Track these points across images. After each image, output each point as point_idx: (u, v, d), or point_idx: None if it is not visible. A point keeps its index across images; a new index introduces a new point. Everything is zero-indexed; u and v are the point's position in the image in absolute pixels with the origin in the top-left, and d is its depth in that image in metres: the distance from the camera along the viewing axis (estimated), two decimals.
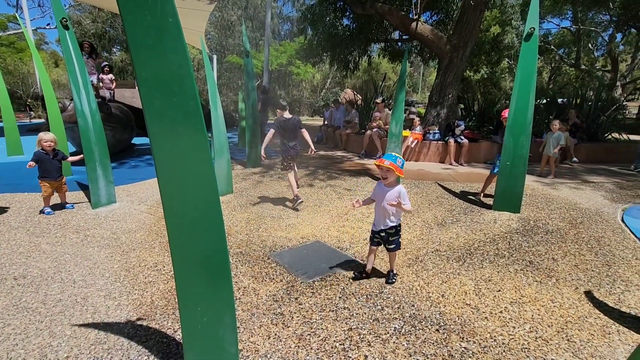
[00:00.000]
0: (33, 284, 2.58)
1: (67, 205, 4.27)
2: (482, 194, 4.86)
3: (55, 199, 4.27)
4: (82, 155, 4.19)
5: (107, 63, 9.68)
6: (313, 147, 4.57)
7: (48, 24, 19.03)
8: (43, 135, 4.12)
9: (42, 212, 4.04)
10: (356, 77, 26.99)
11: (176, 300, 2.37)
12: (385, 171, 2.48)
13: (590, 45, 21.51)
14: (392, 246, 2.61)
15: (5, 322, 2.13)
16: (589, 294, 2.54)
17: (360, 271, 2.77)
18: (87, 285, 2.58)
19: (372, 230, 2.69)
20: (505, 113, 4.26)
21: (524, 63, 3.95)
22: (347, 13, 11.06)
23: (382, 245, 2.68)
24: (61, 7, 3.91)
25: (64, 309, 2.28)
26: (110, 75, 9.24)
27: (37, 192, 4.80)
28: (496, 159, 4.57)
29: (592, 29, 19.08)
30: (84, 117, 4.10)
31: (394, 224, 2.57)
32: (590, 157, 7.84)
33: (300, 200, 4.39)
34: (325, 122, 11.14)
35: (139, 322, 2.16)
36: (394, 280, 2.68)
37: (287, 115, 4.43)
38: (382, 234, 2.60)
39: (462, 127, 7.55)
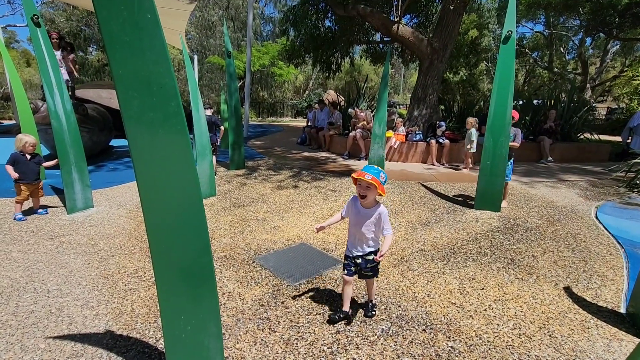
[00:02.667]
0: (3, 294, 2.44)
1: (40, 210, 4.08)
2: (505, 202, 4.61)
3: (28, 204, 4.07)
4: (57, 160, 4.00)
5: (67, 40, 8.39)
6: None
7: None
8: (24, 136, 3.96)
9: (14, 218, 3.85)
10: (339, 79, 27.16)
11: (158, 308, 2.29)
12: (364, 188, 2.00)
13: (562, 49, 22.40)
14: (371, 273, 2.18)
15: None
16: (567, 290, 2.61)
17: (336, 312, 2.22)
18: (63, 295, 2.46)
19: (345, 255, 2.21)
20: (513, 113, 4.19)
21: (502, 65, 4.05)
22: (329, 15, 11.10)
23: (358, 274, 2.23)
24: (32, 3, 3.73)
25: (37, 321, 2.16)
26: (72, 55, 7.93)
27: (7, 196, 4.57)
28: (508, 164, 4.32)
29: (564, 33, 19.87)
30: (58, 119, 3.92)
31: (372, 249, 2.13)
32: (564, 156, 8.14)
33: None
34: (309, 124, 11.11)
35: (118, 332, 2.07)
36: (373, 312, 2.27)
37: (208, 112, 5.73)
38: (359, 261, 2.13)
39: (444, 127, 7.69)
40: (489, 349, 1.97)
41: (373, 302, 2.33)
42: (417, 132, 8.14)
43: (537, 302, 2.45)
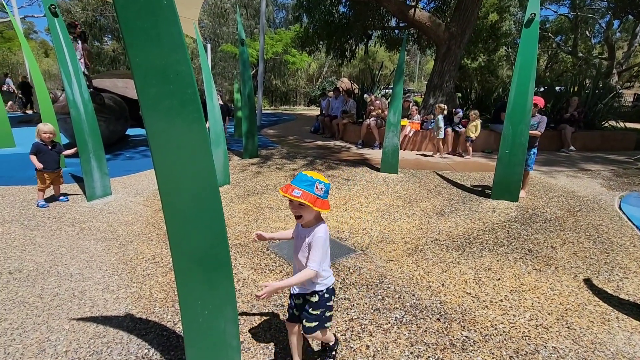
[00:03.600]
0: (29, 278, 2.54)
1: (61, 197, 4.19)
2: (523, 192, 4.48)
3: (50, 191, 4.21)
4: (76, 149, 4.11)
5: (82, 30, 8.09)
6: None
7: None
8: (42, 126, 4.06)
9: (37, 205, 3.98)
10: (352, 66, 26.78)
11: (175, 293, 2.35)
12: (296, 206, 1.47)
13: (587, 32, 21.39)
14: (311, 325, 1.56)
15: (1, 316, 2.10)
16: (587, 282, 2.55)
17: None
18: (84, 279, 2.55)
19: (290, 293, 1.68)
20: (538, 100, 4.07)
21: (524, 50, 3.89)
22: (344, 0, 10.86)
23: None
24: None
25: (62, 303, 2.25)
26: (84, 45, 7.63)
27: (30, 184, 4.72)
28: (530, 153, 4.20)
29: (590, 15, 18.95)
30: (77, 108, 4.00)
31: (315, 289, 1.56)
32: (587, 145, 7.86)
33: None
34: (322, 112, 11.02)
35: (138, 315, 2.14)
36: (333, 356, 1.74)
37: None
38: (299, 301, 1.61)
39: (461, 114, 7.50)
40: (505, 339, 1.95)
41: (331, 345, 1.74)
42: (432, 120, 7.98)
43: (555, 293, 2.40)
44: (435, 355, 1.82)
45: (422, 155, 7.27)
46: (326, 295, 1.58)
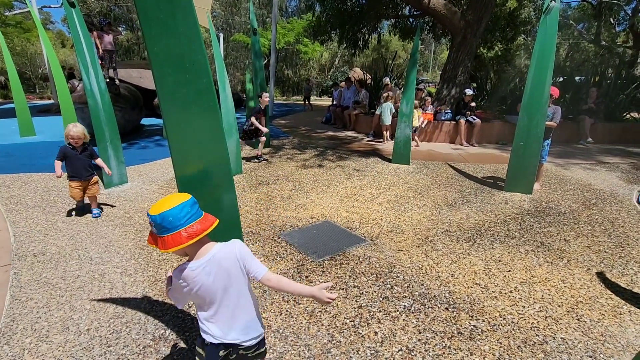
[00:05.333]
0: (52, 260, 2.66)
1: (94, 211, 3.54)
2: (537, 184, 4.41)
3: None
4: (107, 169, 3.76)
5: (107, 20, 8.07)
6: None
7: None
8: (71, 127, 3.46)
9: (74, 210, 3.54)
10: (365, 56, 26.42)
11: None
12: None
13: (611, 19, 20.49)
14: None
15: (28, 296, 2.22)
16: (600, 275, 2.52)
17: None
18: (104, 262, 2.65)
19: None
20: (553, 90, 3.97)
21: (543, 38, 3.79)
22: None
23: None
24: None
25: (83, 285, 2.36)
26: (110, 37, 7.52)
27: (50, 172, 4.89)
28: (544, 145, 4.12)
29: (615, 2, 18.13)
30: (94, 97, 4.10)
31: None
32: (607, 137, 7.63)
33: None
34: (334, 102, 10.96)
35: (154, 298, 2.23)
36: None
37: None
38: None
39: (470, 92, 7.31)
40: (513, 329, 1.96)
41: None
42: (446, 111, 7.87)
43: (566, 286, 2.38)
44: (443, 343, 1.85)
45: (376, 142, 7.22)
46: (199, 338, 1.30)
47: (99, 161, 3.66)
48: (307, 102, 16.22)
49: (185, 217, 1.11)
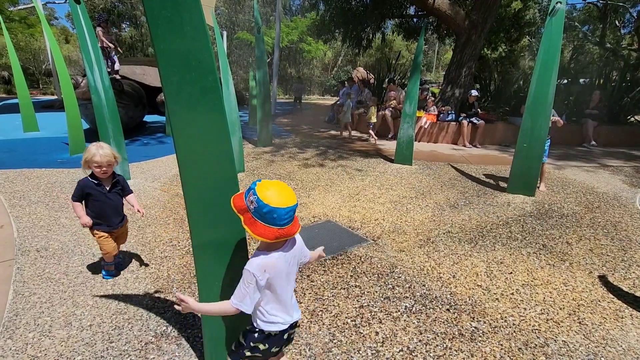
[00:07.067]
0: (55, 256, 2.68)
1: (117, 258, 2.47)
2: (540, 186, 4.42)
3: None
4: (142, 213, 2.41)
5: (106, 18, 7.98)
6: None
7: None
8: (94, 150, 2.15)
9: (104, 269, 2.40)
10: (368, 55, 26.35)
11: (192, 275, 2.44)
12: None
13: (617, 22, 20.38)
14: (233, 348, 1.43)
15: (31, 291, 2.23)
16: (602, 278, 2.52)
17: None
18: None
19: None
20: None
21: (548, 40, 3.77)
22: None
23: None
24: None
25: (85, 280, 2.37)
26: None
27: (53, 167, 4.91)
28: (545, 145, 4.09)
29: (620, 4, 18.02)
30: (97, 94, 4.11)
31: (253, 320, 1.34)
32: (610, 140, 7.60)
33: None
34: (339, 101, 10.95)
35: (156, 295, 2.24)
36: None
37: None
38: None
39: (474, 93, 7.32)
40: (514, 331, 1.96)
41: None
42: (449, 112, 7.85)
43: (568, 288, 2.38)
44: (444, 344, 1.85)
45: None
46: (256, 336, 1.31)
47: (130, 198, 2.44)
48: (298, 102, 16.04)
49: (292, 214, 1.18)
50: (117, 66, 8.05)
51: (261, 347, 1.33)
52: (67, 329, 1.90)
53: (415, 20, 12.41)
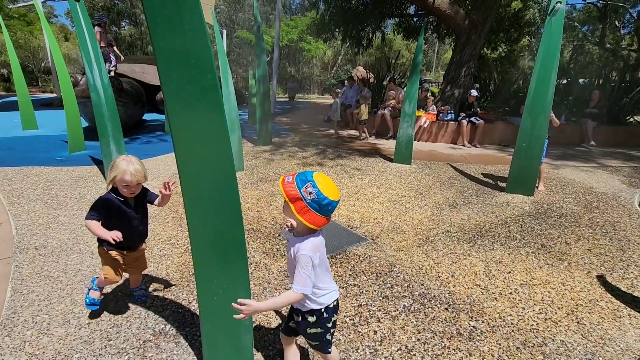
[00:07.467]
0: (53, 254, 2.67)
1: (138, 292, 2.18)
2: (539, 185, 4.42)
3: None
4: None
5: (104, 19, 8.12)
6: None
7: None
8: (124, 165, 1.79)
9: (90, 294, 1.98)
10: (368, 55, 26.35)
11: (190, 273, 2.44)
12: (285, 205, 1.28)
13: (617, 22, 20.39)
14: (315, 343, 1.44)
15: (29, 288, 2.23)
16: (601, 278, 2.52)
17: None
18: None
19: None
20: None
21: (548, 40, 3.77)
22: None
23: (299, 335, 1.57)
24: None
25: (84, 278, 2.36)
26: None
27: (52, 165, 4.90)
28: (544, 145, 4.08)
29: (620, 4, 18.03)
30: (97, 92, 4.10)
31: (312, 307, 1.37)
32: (610, 140, 7.61)
33: None
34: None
35: (154, 293, 2.24)
36: None
37: None
38: (298, 319, 1.43)
39: (474, 93, 7.34)
40: (512, 330, 1.96)
41: None
42: (449, 112, 7.86)
43: (566, 288, 2.39)
44: (442, 343, 1.85)
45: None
46: (325, 315, 1.38)
47: (157, 200, 2.07)
48: (290, 100, 16.03)
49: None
50: (112, 64, 8.01)
51: (333, 319, 1.43)
52: (65, 326, 1.90)
53: (415, 19, 12.41)
